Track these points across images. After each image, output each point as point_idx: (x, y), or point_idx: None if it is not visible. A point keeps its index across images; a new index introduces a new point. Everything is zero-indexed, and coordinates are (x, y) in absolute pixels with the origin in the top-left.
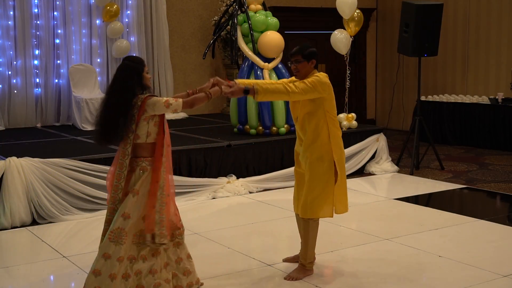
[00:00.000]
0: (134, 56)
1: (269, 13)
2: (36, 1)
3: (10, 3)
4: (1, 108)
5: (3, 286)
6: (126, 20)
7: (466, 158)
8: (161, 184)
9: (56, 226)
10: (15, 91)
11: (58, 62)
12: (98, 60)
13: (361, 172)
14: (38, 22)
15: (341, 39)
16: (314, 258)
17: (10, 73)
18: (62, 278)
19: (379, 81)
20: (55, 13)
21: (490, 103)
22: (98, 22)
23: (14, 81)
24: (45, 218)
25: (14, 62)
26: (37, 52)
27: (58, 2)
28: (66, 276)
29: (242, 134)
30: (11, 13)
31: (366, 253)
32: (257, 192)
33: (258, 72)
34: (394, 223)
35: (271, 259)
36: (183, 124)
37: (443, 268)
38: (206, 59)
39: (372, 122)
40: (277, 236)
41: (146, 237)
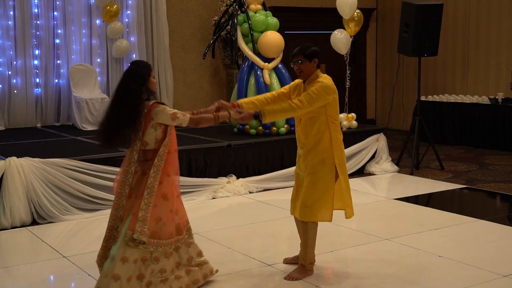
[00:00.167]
0: (141, 60)
1: (269, 13)
2: (36, 1)
3: (10, 3)
4: (1, 108)
5: (3, 286)
6: (126, 20)
7: (466, 158)
8: (148, 184)
9: (56, 226)
10: (15, 91)
11: (58, 62)
12: (98, 60)
13: (361, 172)
14: (38, 22)
15: (341, 39)
16: (314, 258)
17: (10, 73)
18: (62, 278)
19: (379, 81)
20: (55, 13)
21: (490, 103)
22: (98, 22)
23: (14, 81)
24: (45, 218)
25: (14, 62)
26: (37, 52)
27: (58, 2)
28: (66, 276)
29: (242, 134)
30: (11, 13)
31: (366, 253)
32: (257, 192)
33: (258, 72)
34: (394, 223)
35: (271, 259)
36: None
37: (443, 268)
38: (206, 59)
39: (372, 122)
40: (277, 236)
41: (127, 234)
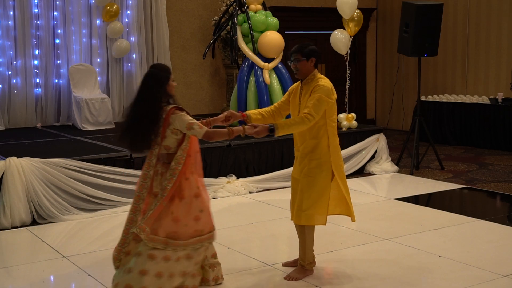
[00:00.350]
0: (160, 64)
1: (269, 13)
2: (36, 1)
3: (10, 3)
4: (1, 108)
5: (3, 286)
6: (126, 20)
7: (466, 158)
8: (163, 186)
9: (56, 226)
10: (15, 91)
11: (58, 62)
12: (98, 60)
13: (361, 172)
14: (38, 22)
15: (341, 39)
16: (314, 258)
17: (10, 73)
18: (62, 278)
19: (379, 81)
20: (55, 13)
21: (490, 103)
22: (98, 22)
23: (14, 81)
24: (45, 218)
25: (14, 62)
26: (37, 52)
27: (58, 2)
28: (66, 276)
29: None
30: (11, 13)
31: (366, 253)
32: (257, 192)
33: (258, 72)
34: (394, 223)
35: (271, 259)
36: None
37: (443, 268)
38: (206, 59)
39: (372, 122)
40: (277, 236)
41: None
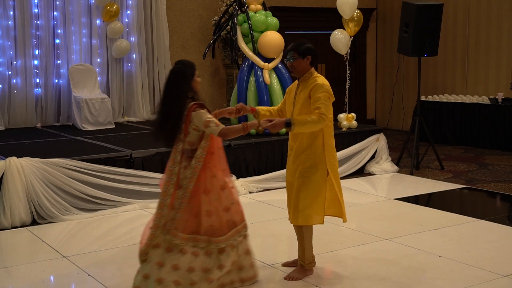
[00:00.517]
0: (185, 60)
1: (269, 13)
2: (36, 1)
3: (10, 3)
4: (1, 108)
5: (3, 286)
6: (126, 20)
7: (466, 158)
8: (184, 185)
9: (56, 226)
10: (15, 91)
11: (58, 62)
12: (98, 60)
13: (361, 172)
14: (38, 22)
15: (340, 39)
16: (314, 258)
17: (10, 73)
18: (62, 278)
19: (379, 81)
20: (55, 13)
21: (490, 103)
22: (98, 22)
23: (14, 81)
24: (45, 218)
25: (14, 62)
26: (37, 52)
27: (58, 2)
28: (66, 276)
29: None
30: (11, 13)
31: (366, 253)
32: (257, 192)
33: (258, 72)
34: (394, 223)
35: (271, 259)
36: None
37: (443, 268)
38: (206, 59)
39: (372, 122)
40: (277, 236)
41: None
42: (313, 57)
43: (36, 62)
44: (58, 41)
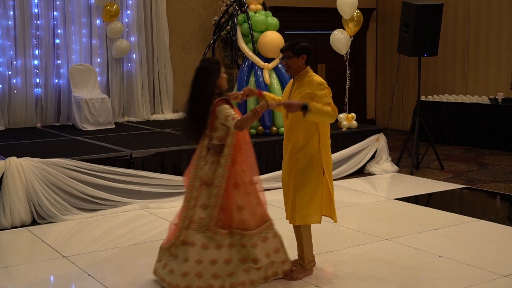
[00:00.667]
0: (210, 57)
1: (269, 13)
2: (36, 1)
3: (10, 3)
4: (1, 108)
5: (3, 286)
6: (126, 20)
7: (466, 158)
8: (216, 184)
9: (56, 226)
10: (15, 91)
11: (58, 62)
12: (98, 60)
13: (361, 172)
14: (38, 22)
15: (340, 39)
16: (313, 258)
17: (10, 73)
18: (62, 278)
19: (379, 81)
20: (55, 13)
21: (490, 103)
22: (98, 22)
23: (14, 81)
24: (45, 218)
25: (14, 62)
26: (37, 52)
27: (58, 2)
28: (66, 276)
29: None
30: (11, 13)
31: (366, 253)
32: None
33: (258, 72)
34: (394, 223)
35: None
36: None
37: (443, 268)
38: None
39: (372, 122)
40: None
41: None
42: (308, 56)
43: (36, 62)
44: (58, 41)
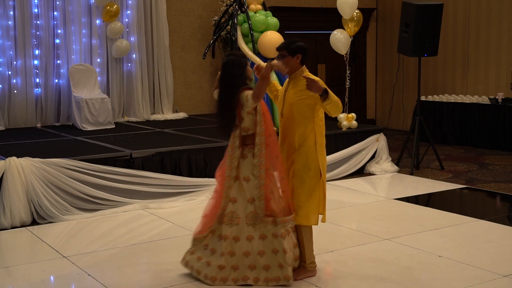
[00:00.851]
0: (235, 51)
1: (269, 13)
2: (36, 1)
3: (10, 3)
4: (1, 108)
5: (3, 286)
6: (126, 20)
7: (466, 158)
8: (256, 174)
9: (56, 226)
10: (15, 91)
11: (58, 62)
12: (98, 60)
13: (361, 172)
14: (38, 22)
15: (340, 39)
16: (314, 259)
17: (10, 73)
18: (62, 278)
19: (379, 81)
20: (55, 13)
21: (490, 103)
22: (98, 22)
23: (14, 81)
24: (45, 218)
25: (14, 62)
26: (37, 52)
27: (58, 2)
28: (66, 276)
29: None
30: (11, 13)
31: (366, 253)
32: None
33: None
34: (394, 223)
35: None
36: (183, 124)
37: (443, 268)
38: (206, 59)
39: (372, 122)
40: None
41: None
42: (303, 55)
43: (36, 62)
44: (58, 41)
